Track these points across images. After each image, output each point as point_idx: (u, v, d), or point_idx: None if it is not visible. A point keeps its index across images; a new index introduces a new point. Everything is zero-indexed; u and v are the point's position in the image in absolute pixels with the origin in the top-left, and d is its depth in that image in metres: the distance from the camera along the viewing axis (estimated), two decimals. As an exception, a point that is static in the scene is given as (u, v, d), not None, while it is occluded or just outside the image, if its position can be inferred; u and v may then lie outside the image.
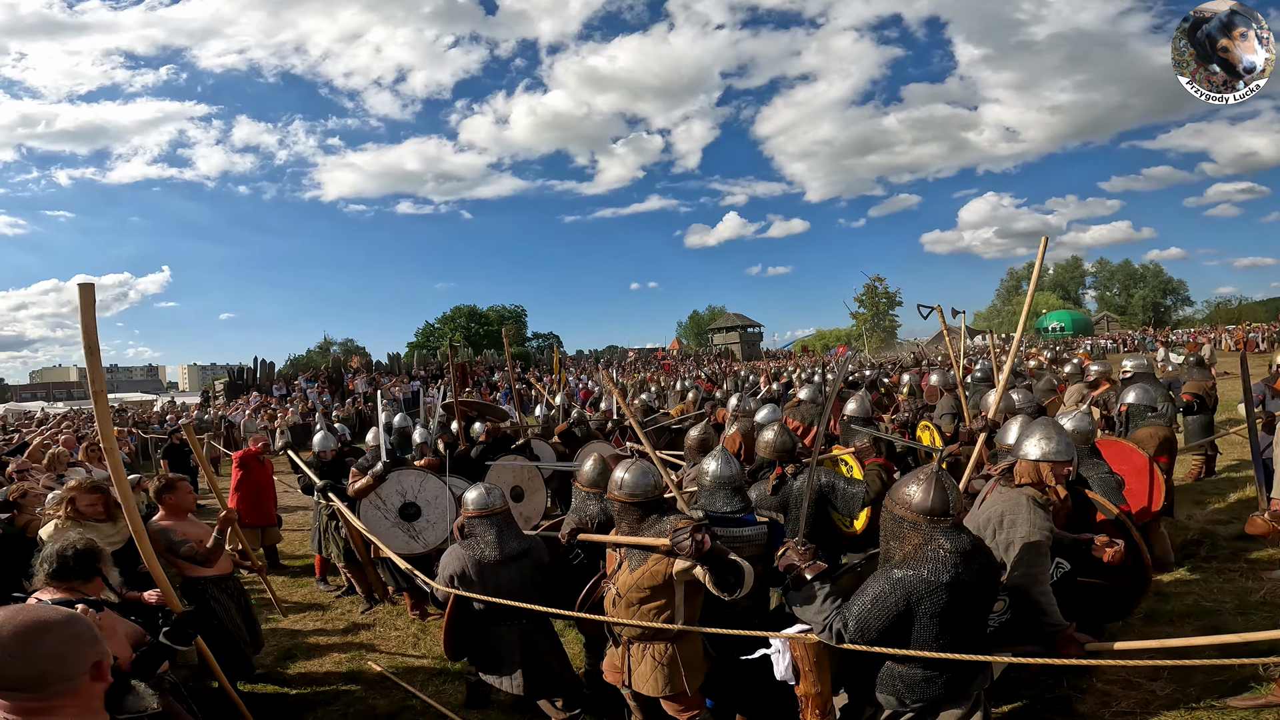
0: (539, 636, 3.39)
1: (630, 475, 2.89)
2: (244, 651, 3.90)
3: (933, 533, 2.25)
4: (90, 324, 2.40)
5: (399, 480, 4.88)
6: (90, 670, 1.31)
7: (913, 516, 2.29)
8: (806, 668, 2.34)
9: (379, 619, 5.27)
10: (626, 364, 36.41)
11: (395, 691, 4.03)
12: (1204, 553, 5.29)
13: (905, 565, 2.25)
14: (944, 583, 2.18)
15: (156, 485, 3.98)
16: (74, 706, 1.29)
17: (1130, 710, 3.33)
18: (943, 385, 7.41)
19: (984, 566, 2.32)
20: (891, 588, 2.22)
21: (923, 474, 2.34)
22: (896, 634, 2.25)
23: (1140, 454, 4.27)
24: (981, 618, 2.42)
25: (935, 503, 2.26)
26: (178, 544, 3.71)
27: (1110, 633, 4.05)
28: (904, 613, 2.21)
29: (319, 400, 23.20)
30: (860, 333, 55.85)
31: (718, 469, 3.19)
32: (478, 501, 3.34)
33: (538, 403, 11.42)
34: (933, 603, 2.18)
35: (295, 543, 7.92)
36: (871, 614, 2.24)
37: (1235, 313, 56.42)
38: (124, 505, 2.64)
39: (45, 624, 1.28)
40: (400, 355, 33.13)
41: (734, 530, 3.02)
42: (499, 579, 3.23)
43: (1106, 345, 37.45)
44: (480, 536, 3.29)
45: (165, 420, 20.16)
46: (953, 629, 2.23)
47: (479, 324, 52.12)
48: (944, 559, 2.20)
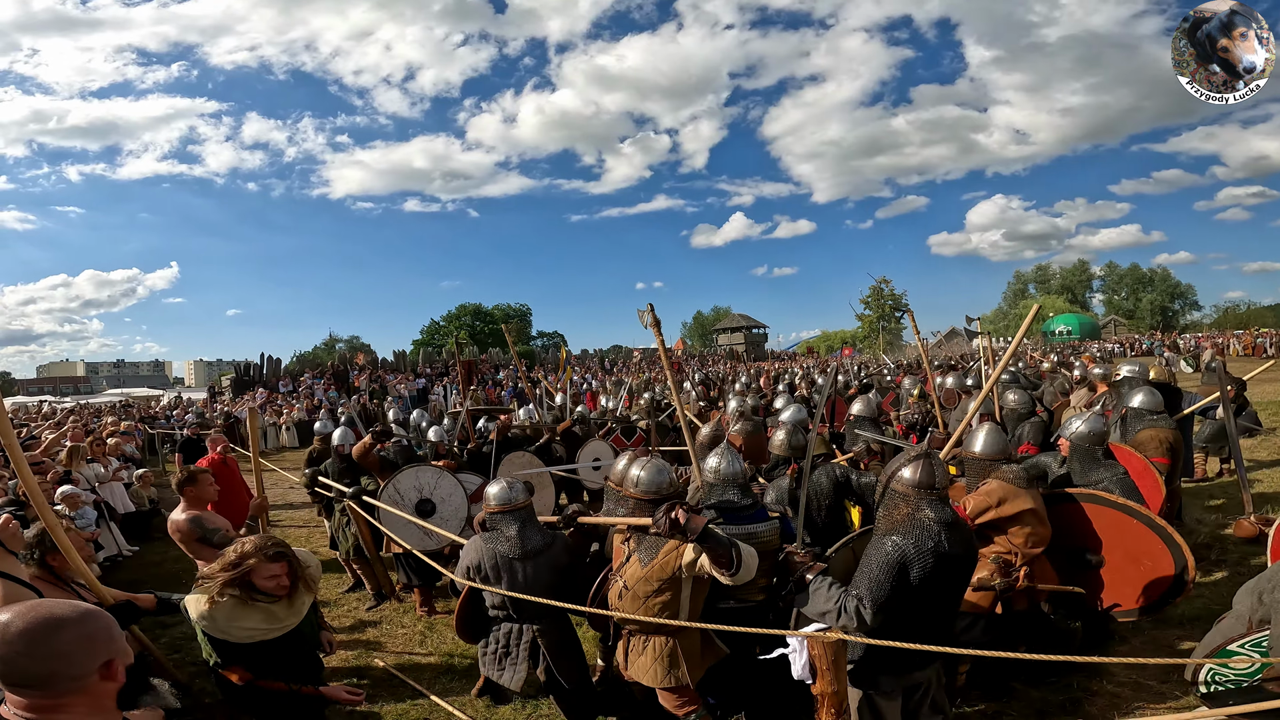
0: (551, 637, 3.35)
1: (646, 473, 2.98)
2: None
3: (920, 504, 2.52)
4: None
5: (416, 476, 4.91)
6: (100, 670, 1.29)
7: (904, 489, 2.56)
8: (824, 666, 2.34)
9: (385, 616, 5.28)
10: (632, 363, 36.43)
11: (402, 689, 4.04)
12: (1214, 556, 5.27)
13: (895, 532, 2.51)
14: (929, 549, 2.43)
15: (179, 478, 3.95)
16: (83, 705, 1.27)
17: (1139, 712, 3.31)
18: (959, 388, 7.37)
19: (965, 539, 2.58)
20: (891, 550, 2.46)
21: (914, 453, 2.64)
22: (901, 596, 2.43)
23: (1139, 457, 4.31)
24: (960, 589, 2.66)
25: (923, 477, 2.53)
26: (210, 532, 3.70)
27: (1121, 634, 4.05)
28: (902, 571, 2.43)
29: (325, 397, 23.27)
30: (866, 334, 55.71)
31: (723, 465, 3.23)
32: (500, 496, 3.31)
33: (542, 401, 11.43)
34: (921, 567, 2.43)
35: (300, 539, 7.95)
36: (879, 578, 2.44)
37: (1243, 317, 56.04)
38: (42, 517, 2.26)
39: (57, 621, 1.26)
40: (406, 353, 33.18)
41: (747, 526, 3.05)
42: (516, 575, 3.21)
43: (1114, 349, 37.27)
44: (502, 531, 3.27)
45: (172, 416, 20.27)
46: (936, 595, 2.48)
47: (484, 322, 52.18)
48: (929, 527, 2.47)
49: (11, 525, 2.07)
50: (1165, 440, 4.74)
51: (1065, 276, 66.87)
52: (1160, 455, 4.60)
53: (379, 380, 26.29)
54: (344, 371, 27.47)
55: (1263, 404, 11.11)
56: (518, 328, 53.55)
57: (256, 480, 4.50)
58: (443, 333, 50.98)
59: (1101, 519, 3.52)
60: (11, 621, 1.23)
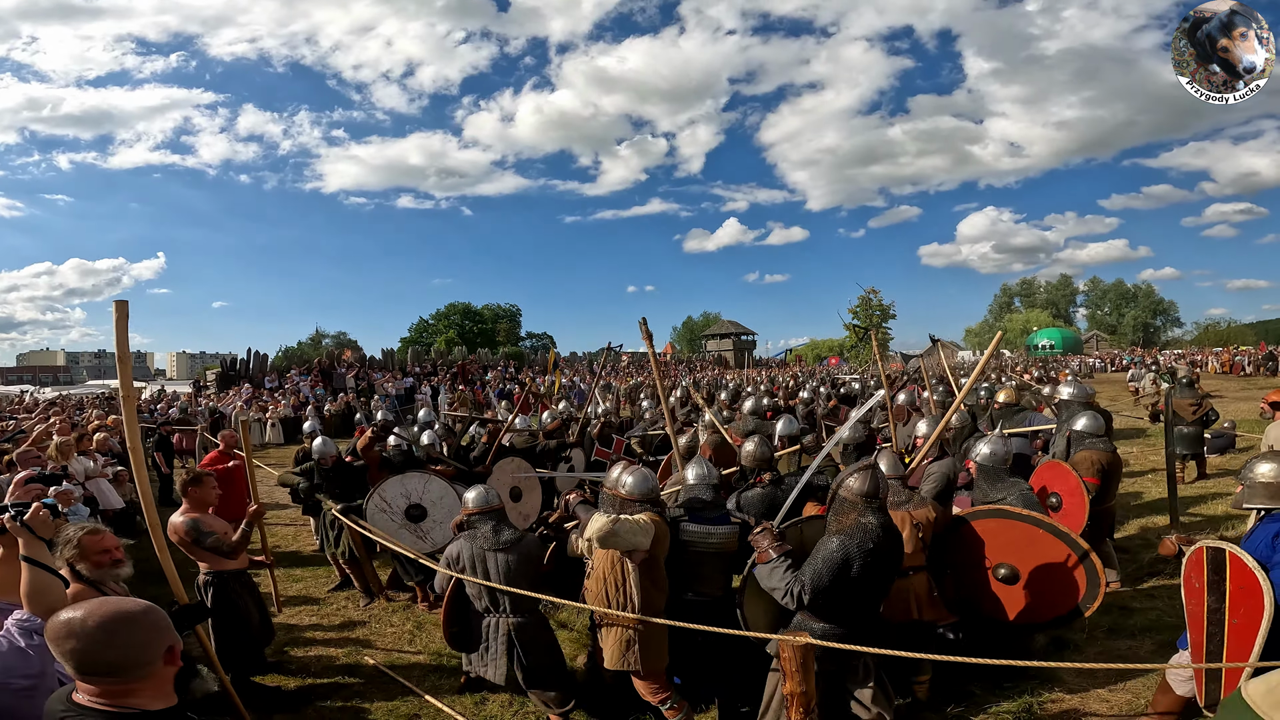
0: (529, 631, 3.60)
1: (633, 479, 3.47)
2: (257, 644, 4.02)
3: (865, 510, 2.93)
4: (123, 337, 2.56)
5: (403, 484, 5.06)
6: (164, 655, 1.46)
7: (851, 497, 2.96)
8: (793, 668, 2.49)
9: (375, 615, 5.40)
10: (620, 367, 36.54)
11: (392, 686, 4.17)
12: (1170, 570, 5.51)
13: (843, 534, 2.90)
14: (869, 549, 2.85)
15: (184, 479, 4.05)
16: (150, 689, 1.44)
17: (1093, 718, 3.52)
18: (909, 405, 7.70)
19: (894, 542, 3.01)
20: (836, 549, 2.87)
21: (862, 466, 3.05)
22: (840, 587, 2.85)
23: (1074, 476, 4.54)
24: (886, 585, 3.06)
25: (869, 487, 2.94)
26: (205, 535, 3.81)
27: (1075, 644, 4.27)
28: (844, 567, 2.83)
29: (311, 394, 23.20)
30: (853, 343, 56.22)
31: (696, 472, 3.71)
32: (478, 500, 3.72)
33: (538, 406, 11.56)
34: (860, 564, 2.84)
35: (288, 538, 8.03)
36: (823, 570, 2.86)
37: (1224, 334, 57.17)
38: (143, 500, 2.80)
39: (129, 615, 1.44)
40: (394, 351, 33.12)
41: (708, 527, 3.51)
42: (490, 565, 3.53)
43: (1094, 364, 37.90)
44: (479, 528, 3.64)
45: (155, 409, 20.10)
46: (869, 588, 2.92)
47: (473, 322, 52.13)
48: (871, 531, 2.88)
49: (42, 513, 2.22)
50: (1098, 462, 4.97)
51: (1050, 291, 67.93)
52: (1091, 476, 4.84)
53: (366, 379, 26.22)
54: (331, 369, 27.36)
55: (1245, 422, 11.51)
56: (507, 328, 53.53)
57: (252, 487, 4.59)
58: (431, 331, 50.86)
59: (1011, 533, 3.67)
60: (88, 616, 1.40)
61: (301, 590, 6.12)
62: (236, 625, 3.81)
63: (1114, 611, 4.64)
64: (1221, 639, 2.87)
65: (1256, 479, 2.99)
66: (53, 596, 2.16)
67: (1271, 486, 2.95)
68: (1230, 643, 2.84)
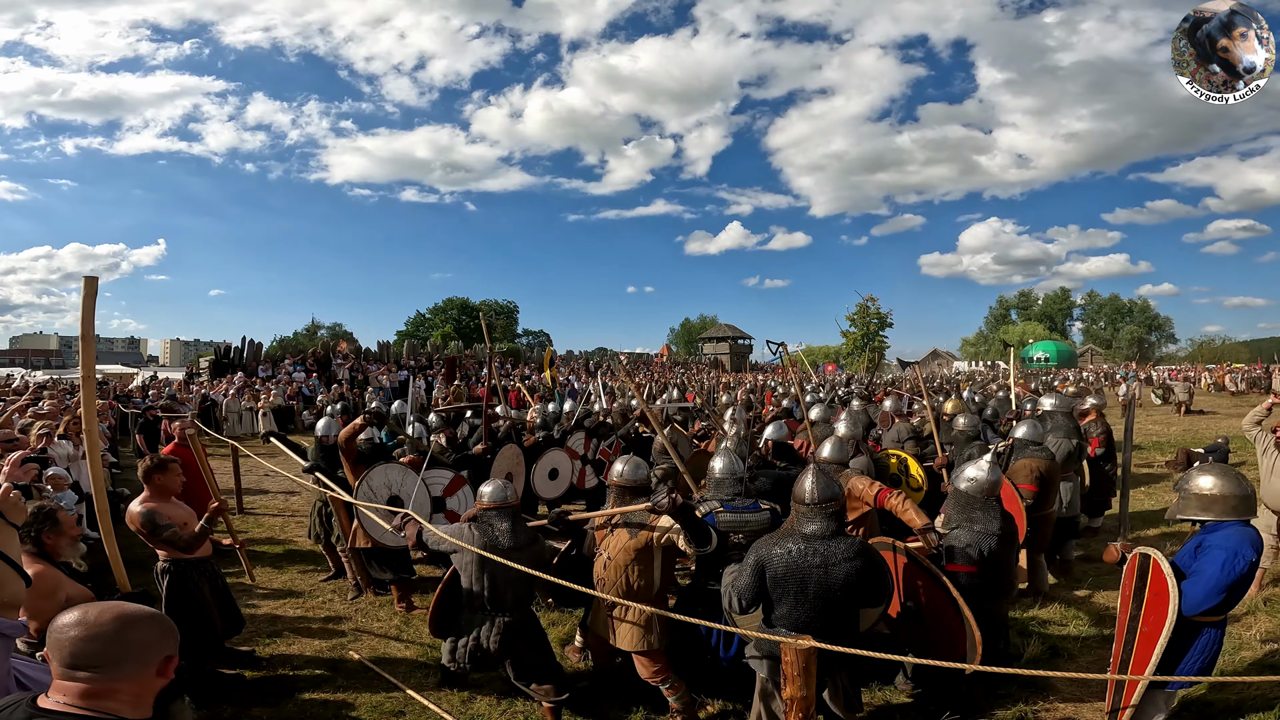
0: (520, 631, 3.52)
1: (627, 468, 3.77)
2: (214, 632, 3.88)
3: (800, 514, 2.92)
4: (89, 315, 2.46)
5: (385, 474, 5.01)
6: (159, 663, 1.39)
7: (795, 502, 2.98)
8: (794, 672, 2.44)
9: (361, 609, 5.32)
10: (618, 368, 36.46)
11: (377, 682, 4.09)
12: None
13: (774, 537, 2.94)
14: (778, 555, 2.81)
15: (147, 464, 3.90)
16: (133, 695, 1.36)
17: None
18: (894, 412, 7.70)
19: (842, 553, 2.80)
20: (750, 554, 2.92)
21: (810, 469, 3.02)
22: (760, 593, 2.88)
23: (1008, 484, 4.47)
24: (835, 597, 2.80)
25: (801, 491, 2.94)
26: (161, 527, 3.71)
27: (1069, 653, 4.23)
28: (760, 572, 2.85)
29: (305, 385, 23.05)
30: (850, 350, 56.25)
31: (723, 464, 3.82)
32: (494, 495, 3.56)
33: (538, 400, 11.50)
34: (772, 573, 2.82)
35: (276, 528, 7.93)
36: (745, 573, 2.90)
37: (1218, 352, 57.40)
38: (94, 488, 2.70)
39: (143, 614, 1.40)
40: (389, 343, 32.93)
41: (745, 515, 3.66)
42: (498, 566, 3.35)
43: (1088, 378, 38.00)
44: (495, 525, 3.49)
45: (148, 395, 19.92)
46: (797, 595, 2.80)
47: (470, 317, 51.89)
48: (793, 534, 2.87)
49: (13, 495, 2.13)
50: (1035, 470, 4.93)
51: (1047, 304, 68.07)
52: (1028, 483, 4.80)
53: (361, 370, 26.07)
54: (326, 359, 27.19)
55: (1237, 437, 11.49)
56: (504, 325, 53.37)
57: (209, 482, 4.61)
58: (428, 325, 50.64)
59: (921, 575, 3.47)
60: (104, 611, 1.35)
61: (286, 583, 6.01)
62: (192, 613, 3.70)
63: (1107, 621, 4.60)
64: (1133, 647, 2.84)
65: (1191, 491, 2.98)
66: (10, 590, 2.06)
67: (1204, 498, 2.93)
68: (1137, 651, 2.82)
